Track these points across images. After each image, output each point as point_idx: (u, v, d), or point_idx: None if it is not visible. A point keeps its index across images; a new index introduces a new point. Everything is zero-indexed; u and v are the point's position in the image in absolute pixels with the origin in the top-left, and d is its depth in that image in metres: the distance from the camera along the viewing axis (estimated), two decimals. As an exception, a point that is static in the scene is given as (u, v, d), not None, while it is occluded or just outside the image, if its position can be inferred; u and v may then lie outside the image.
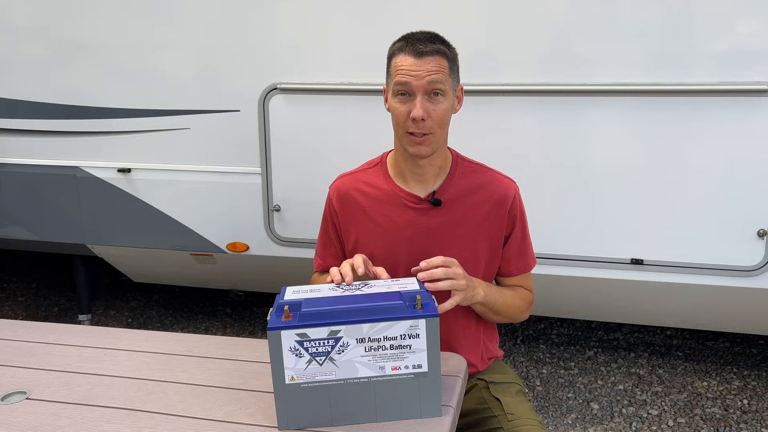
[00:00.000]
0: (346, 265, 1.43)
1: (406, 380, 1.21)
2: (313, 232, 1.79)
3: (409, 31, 1.57)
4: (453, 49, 1.57)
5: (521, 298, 1.69)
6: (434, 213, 1.61)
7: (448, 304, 1.44)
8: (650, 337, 3.34)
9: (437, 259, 1.43)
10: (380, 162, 1.70)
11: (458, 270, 1.45)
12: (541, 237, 2.34)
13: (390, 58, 1.57)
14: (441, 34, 1.57)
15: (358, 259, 1.44)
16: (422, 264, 1.42)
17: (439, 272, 1.41)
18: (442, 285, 1.41)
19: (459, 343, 1.64)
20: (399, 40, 1.56)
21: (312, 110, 2.68)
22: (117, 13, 2.79)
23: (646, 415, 2.69)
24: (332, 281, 1.42)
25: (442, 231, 1.60)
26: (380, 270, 1.46)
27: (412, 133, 1.52)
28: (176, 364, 1.50)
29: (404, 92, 1.51)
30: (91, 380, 1.43)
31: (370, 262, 1.48)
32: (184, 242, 2.98)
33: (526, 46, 2.43)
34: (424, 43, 1.50)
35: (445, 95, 1.52)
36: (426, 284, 1.38)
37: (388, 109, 1.58)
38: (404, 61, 1.51)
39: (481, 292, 1.54)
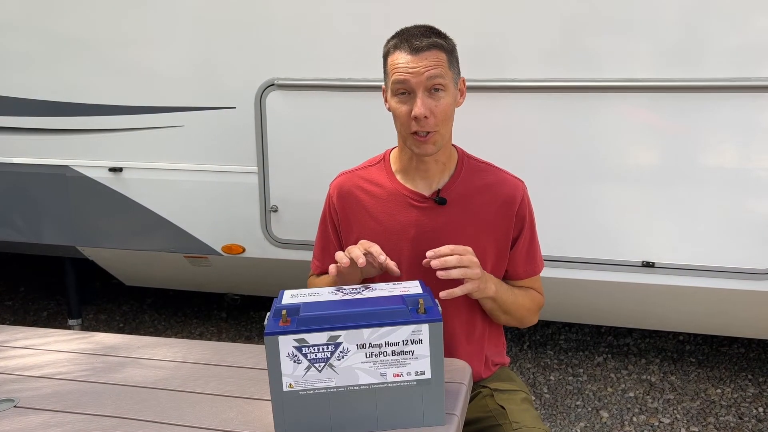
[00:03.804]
0: (355, 250, 1.45)
1: (409, 387, 1.21)
2: (313, 233, 1.79)
3: (403, 27, 1.57)
4: (450, 40, 1.56)
5: (531, 299, 1.68)
6: (439, 212, 1.61)
7: (459, 290, 1.45)
8: (662, 343, 3.34)
9: (445, 248, 1.45)
10: (383, 159, 1.70)
11: (473, 258, 1.46)
12: (549, 238, 2.34)
13: (385, 56, 1.57)
14: (436, 26, 1.57)
15: (377, 248, 1.45)
16: (429, 254, 1.44)
17: (452, 260, 1.43)
18: (455, 273, 1.43)
19: (463, 349, 1.64)
20: (393, 37, 1.57)
21: (311, 107, 2.68)
22: (108, 6, 2.79)
23: (657, 424, 2.69)
24: (336, 271, 1.44)
25: (447, 231, 1.60)
26: (392, 263, 1.47)
27: (416, 133, 1.52)
28: (170, 370, 1.50)
29: (404, 91, 1.52)
30: (82, 388, 1.43)
31: (379, 248, 1.47)
32: (177, 244, 2.98)
33: (534, 40, 2.43)
34: (419, 38, 1.50)
35: (447, 90, 1.52)
36: (438, 272, 1.40)
37: (389, 110, 1.58)
38: (400, 58, 1.51)
39: (492, 286, 1.54)
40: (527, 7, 2.41)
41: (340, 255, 1.46)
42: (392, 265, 1.47)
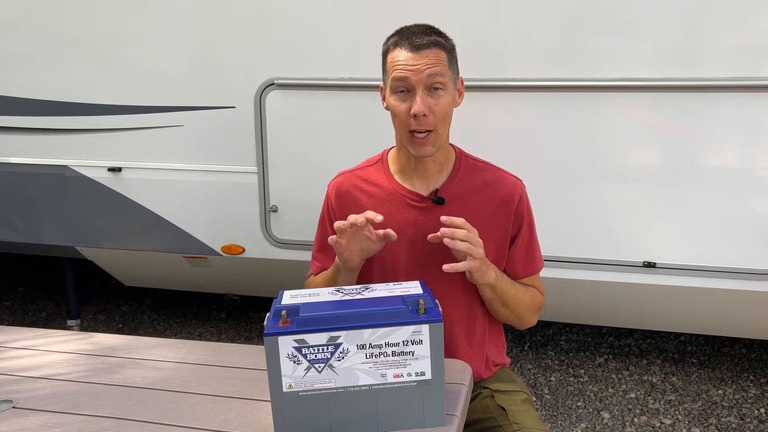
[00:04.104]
0: (353, 215, 1.46)
1: (409, 388, 1.21)
2: (313, 233, 1.79)
3: (403, 25, 1.58)
4: (450, 40, 1.57)
5: (531, 296, 1.68)
6: (437, 212, 1.61)
7: (462, 265, 1.46)
8: (663, 344, 3.34)
9: (459, 220, 1.47)
10: (381, 159, 1.70)
11: (478, 239, 1.48)
12: (550, 238, 2.34)
13: (385, 54, 1.57)
14: (436, 26, 1.57)
15: (371, 212, 1.47)
16: (443, 219, 1.46)
17: (461, 233, 1.45)
18: (460, 245, 1.45)
19: (463, 349, 1.64)
20: (393, 34, 1.57)
21: (311, 106, 2.68)
22: (107, 5, 2.79)
23: (659, 425, 2.69)
24: (336, 240, 1.47)
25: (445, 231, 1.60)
26: (390, 231, 1.49)
27: (414, 132, 1.52)
28: (169, 371, 1.50)
29: (403, 89, 1.52)
30: (81, 388, 1.44)
31: (380, 217, 1.48)
32: (177, 244, 2.98)
33: (535, 39, 2.43)
34: (420, 36, 1.51)
35: (446, 89, 1.52)
36: (445, 240, 1.43)
37: (387, 108, 1.59)
38: (400, 55, 1.51)
39: (493, 274, 1.55)
40: (528, 7, 2.41)
41: (339, 222, 1.47)
42: (389, 230, 1.50)
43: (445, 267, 1.45)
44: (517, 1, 2.41)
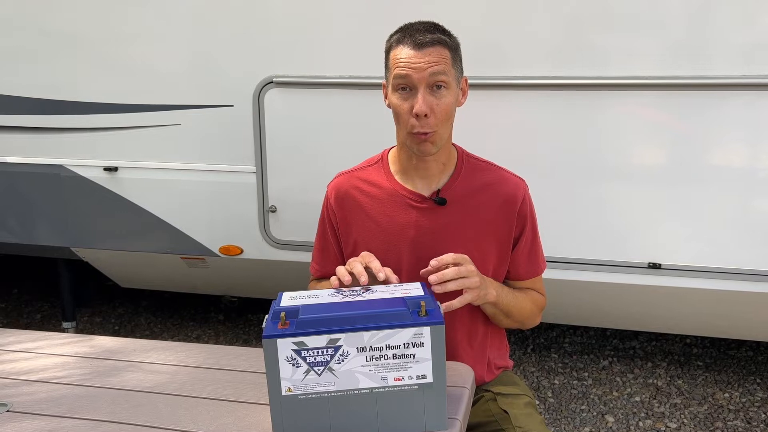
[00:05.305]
0: (357, 265, 1.42)
1: (410, 391, 1.21)
2: (312, 234, 1.79)
3: (407, 22, 1.58)
4: (454, 38, 1.57)
5: (533, 301, 1.69)
6: (439, 212, 1.61)
7: (458, 302, 1.43)
8: (668, 346, 3.34)
9: (448, 257, 1.42)
10: (381, 159, 1.70)
11: (470, 267, 1.45)
12: (553, 239, 2.33)
13: (388, 51, 1.57)
14: (441, 24, 1.57)
15: (376, 263, 1.42)
16: (432, 263, 1.41)
17: (450, 272, 1.40)
18: (452, 285, 1.41)
19: (465, 352, 1.64)
20: (396, 31, 1.57)
21: (310, 105, 2.68)
22: (103, 2, 2.79)
23: (664, 429, 2.69)
24: (339, 284, 1.41)
25: (447, 232, 1.60)
26: (392, 274, 1.43)
27: (416, 133, 1.52)
28: (166, 374, 1.50)
29: (405, 86, 1.51)
30: (76, 391, 1.44)
31: (379, 263, 1.44)
32: (174, 245, 2.98)
33: (538, 37, 2.43)
34: (424, 34, 1.50)
35: (449, 88, 1.52)
36: (435, 287, 1.38)
37: (389, 106, 1.58)
38: (403, 53, 1.51)
39: (493, 292, 1.54)
40: (531, 4, 2.41)
41: (341, 271, 1.42)
42: (392, 276, 1.44)
43: (442, 307, 1.40)
44: (520, -3, 2.42)
